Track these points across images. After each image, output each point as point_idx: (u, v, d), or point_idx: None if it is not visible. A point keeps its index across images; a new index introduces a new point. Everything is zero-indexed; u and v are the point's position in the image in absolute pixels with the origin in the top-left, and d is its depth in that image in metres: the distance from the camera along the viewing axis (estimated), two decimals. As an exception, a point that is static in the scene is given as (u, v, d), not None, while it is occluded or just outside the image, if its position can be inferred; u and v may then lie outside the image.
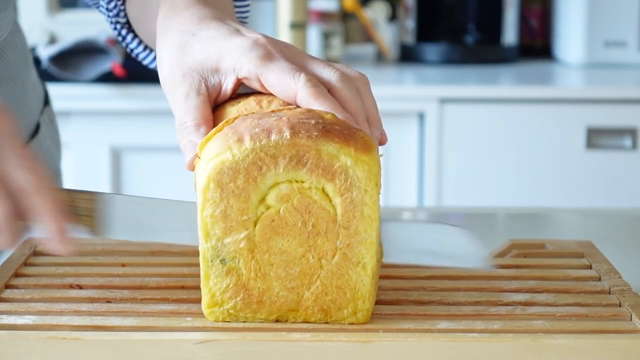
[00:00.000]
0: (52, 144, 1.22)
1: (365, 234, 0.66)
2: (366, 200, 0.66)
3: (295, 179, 0.66)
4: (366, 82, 0.75)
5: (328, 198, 0.66)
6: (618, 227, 1.10)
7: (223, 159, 0.66)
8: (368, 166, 0.66)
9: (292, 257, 0.67)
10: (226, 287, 0.67)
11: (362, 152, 0.66)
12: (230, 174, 0.65)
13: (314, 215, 0.66)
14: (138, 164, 2.34)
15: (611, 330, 0.67)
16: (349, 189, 0.66)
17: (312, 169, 0.65)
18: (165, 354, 0.64)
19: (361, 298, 0.67)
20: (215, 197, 0.66)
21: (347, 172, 0.65)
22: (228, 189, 0.66)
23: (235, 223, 0.66)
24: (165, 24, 0.80)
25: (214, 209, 0.66)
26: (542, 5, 2.79)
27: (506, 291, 0.75)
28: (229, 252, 0.67)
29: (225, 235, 0.66)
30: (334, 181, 0.66)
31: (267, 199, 0.66)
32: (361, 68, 0.86)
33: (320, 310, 0.68)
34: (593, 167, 2.28)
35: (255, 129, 0.66)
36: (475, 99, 2.29)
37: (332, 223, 0.66)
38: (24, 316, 0.68)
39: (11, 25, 1.11)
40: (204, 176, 0.66)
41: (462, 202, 2.29)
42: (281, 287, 0.67)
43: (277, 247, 0.67)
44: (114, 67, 2.26)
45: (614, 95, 2.28)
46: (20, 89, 1.12)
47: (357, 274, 0.67)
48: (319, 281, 0.67)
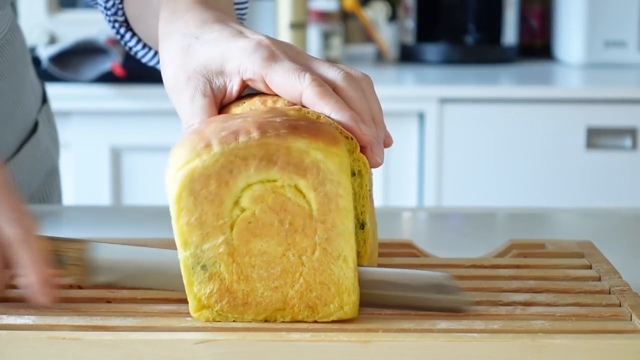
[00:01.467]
0: (50, 142, 1.23)
1: (343, 226, 0.66)
2: (340, 192, 0.66)
3: (267, 178, 0.65)
4: (370, 83, 0.75)
5: (302, 194, 0.66)
6: (618, 227, 1.10)
7: (193, 166, 0.65)
8: (339, 158, 0.66)
9: (272, 257, 0.67)
10: (210, 292, 0.67)
11: (332, 144, 0.66)
12: (202, 180, 0.65)
13: (289, 213, 0.66)
14: (138, 164, 2.34)
15: (611, 330, 0.67)
16: (322, 183, 0.65)
17: (284, 167, 0.65)
18: (165, 354, 0.64)
19: (346, 291, 0.67)
20: (189, 204, 0.65)
21: (319, 166, 0.65)
22: (201, 195, 0.65)
23: (212, 229, 0.66)
24: (167, 28, 0.80)
25: (189, 217, 0.66)
26: (542, 5, 2.79)
27: (506, 291, 0.75)
28: (208, 258, 0.66)
29: (203, 242, 0.66)
30: (306, 177, 0.65)
31: (241, 202, 0.66)
32: (361, 68, 0.86)
33: (306, 307, 0.68)
34: (593, 167, 2.28)
35: (222, 133, 0.66)
36: (475, 99, 2.29)
37: (309, 219, 0.66)
38: (23, 316, 0.68)
39: (9, 24, 1.11)
40: (175, 185, 0.65)
41: (462, 202, 2.29)
42: (265, 287, 0.67)
43: (257, 248, 0.66)
44: (114, 67, 2.26)
45: (614, 95, 2.28)
46: (18, 87, 1.12)
47: (339, 267, 0.67)
48: (302, 279, 0.67)
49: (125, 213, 1.25)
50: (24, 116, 1.14)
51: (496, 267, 0.80)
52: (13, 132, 1.11)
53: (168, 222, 0.67)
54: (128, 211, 1.28)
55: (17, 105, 1.12)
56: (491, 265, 0.81)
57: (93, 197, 2.34)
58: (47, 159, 1.21)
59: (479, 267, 0.80)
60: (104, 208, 1.56)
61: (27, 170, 1.14)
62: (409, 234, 1.12)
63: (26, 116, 1.15)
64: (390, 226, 1.06)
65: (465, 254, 0.85)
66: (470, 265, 0.81)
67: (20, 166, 1.12)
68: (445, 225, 1.15)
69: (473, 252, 0.87)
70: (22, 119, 1.13)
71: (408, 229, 1.15)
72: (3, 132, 1.08)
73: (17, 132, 1.12)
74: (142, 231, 1.02)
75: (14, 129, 1.11)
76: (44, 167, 1.19)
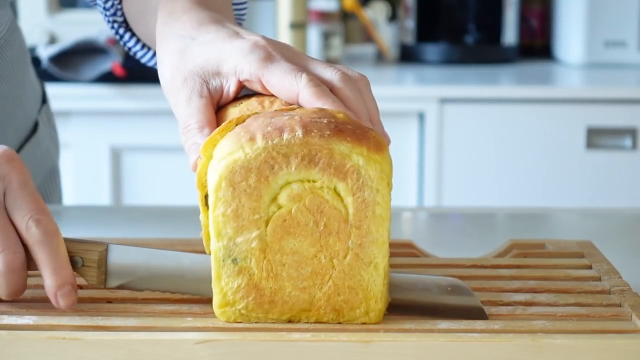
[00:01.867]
0: (50, 143, 1.23)
1: (377, 233, 0.66)
2: (378, 199, 0.66)
3: (307, 178, 0.66)
4: (367, 83, 0.75)
5: (340, 197, 0.66)
6: (618, 227, 1.10)
7: (235, 157, 0.65)
8: (380, 165, 0.66)
9: (304, 257, 0.67)
10: (238, 287, 0.67)
11: (375, 151, 0.66)
12: (243, 172, 0.65)
13: (325, 215, 0.66)
14: (138, 164, 2.34)
15: (611, 330, 0.67)
16: (361, 189, 0.65)
17: (324, 168, 0.65)
18: (166, 354, 0.64)
19: (373, 298, 0.67)
20: (227, 195, 0.66)
21: (359, 172, 0.65)
22: (240, 187, 0.66)
23: (247, 222, 0.66)
24: (165, 29, 0.80)
25: (225, 208, 0.66)
26: (542, 5, 2.79)
27: (507, 291, 0.75)
28: (240, 251, 0.67)
29: (237, 235, 0.66)
30: (345, 180, 0.65)
31: (279, 199, 0.66)
32: (361, 68, 0.86)
33: (332, 310, 0.67)
34: (593, 167, 2.28)
35: (267, 128, 0.66)
36: (475, 99, 2.29)
37: (344, 223, 0.66)
38: (24, 316, 0.68)
39: (9, 24, 1.11)
40: (216, 175, 0.66)
41: (462, 202, 2.29)
42: (293, 287, 0.67)
43: (289, 247, 0.67)
44: (114, 67, 2.26)
45: (614, 95, 2.28)
46: (18, 88, 1.12)
47: (369, 274, 0.67)
48: (331, 281, 0.67)
49: (125, 213, 1.25)
50: (24, 117, 1.14)
51: (497, 267, 0.80)
52: (13, 133, 1.11)
53: (168, 222, 0.67)
54: (128, 211, 1.28)
55: (17, 106, 1.12)
56: (491, 265, 0.81)
57: (93, 197, 2.34)
58: (47, 160, 1.21)
59: (480, 267, 0.80)
60: (104, 208, 1.56)
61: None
62: (409, 234, 1.11)
63: (26, 117, 1.15)
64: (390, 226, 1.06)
65: (465, 254, 0.85)
66: (470, 265, 0.81)
67: None
68: (445, 225, 1.15)
69: (473, 252, 0.87)
70: (22, 120, 1.13)
71: (408, 229, 1.15)
72: (3, 133, 1.08)
73: (17, 132, 1.12)
74: (142, 231, 1.02)
75: (14, 129, 1.11)
76: (44, 168, 1.19)
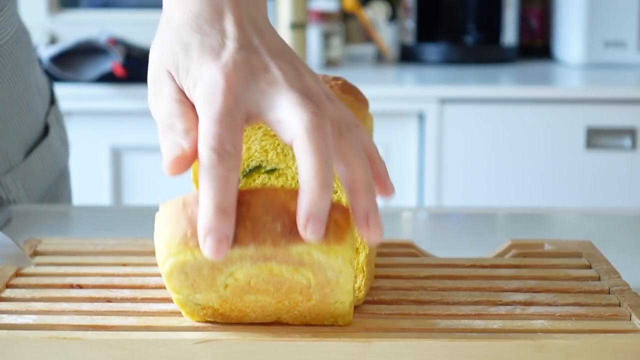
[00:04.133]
0: (61, 144, 1.22)
1: (344, 288, 0.64)
2: (340, 280, 0.63)
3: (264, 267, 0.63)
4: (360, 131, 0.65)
5: (300, 272, 0.63)
6: (618, 227, 1.10)
7: (184, 258, 0.62)
8: (342, 255, 0.62)
9: (267, 304, 0.65)
10: (203, 315, 0.67)
11: (336, 241, 0.61)
12: (194, 269, 0.63)
13: (285, 285, 0.64)
14: (138, 164, 2.34)
15: (611, 330, 0.67)
16: (323, 271, 0.63)
17: (281, 263, 0.62)
18: (166, 354, 0.64)
19: (340, 316, 0.67)
20: (181, 279, 0.63)
21: (321, 264, 0.62)
22: (192, 276, 0.63)
23: (204, 291, 0.64)
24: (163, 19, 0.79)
25: (179, 285, 0.64)
26: (542, 5, 2.79)
27: (506, 291, 0.75)
28: (201, 301, 0.65)
29: (195, 293, 0.65)
30: (304, 267, 0.62)
31: (235, 274, 0.63)
32: (361, 68, 0.86)
33: (300, 325, 0.67)
34: (593, 167, 2.28)
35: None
36: (475, 99, 2.29)
37: (307, 288, 0.64)
38: (24, 316, 0.68)
39: (17, 24, 1.11)
40: (165, 267, 0.63)
41: (462, 202, 2.29)
42: (258, 316, 0.66)
43: (250, 300, 0.65)
44: (114, 67, 2.26)
45: (614, 95, 2.28)
46: (24, 89, 1.12)
47: (336, 308, 0.66)
48: (297, 311, 0.66)
49: (125, 213, 1.25)
50: (32, 118, 1.14)
51: (496, 267, 0.80)
52: (21, 135, 1.10)
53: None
54: (128, 211, 1.28)
55: (24, 107, 1.11)
56: (491, 265, 0.81)
57: (93, 197, 2.34)
58: (58, 162, 1.20)
59: (479, 267, 0.80)
60: (106, 208, 1.56)
61: (37, 174, 1.13)
62: (409, 234, 1.11)
63: (34, 118, 1.14)
64: (390, 226, 1.06)
65: (465, 254, 0.85)
66: (470, 265, 0.81)
67: (31, 171, 1.11)
68: (445, 225, 1.15)
69: (473, 252, 0.87)
70: (30, 121, 1.13)
71: (408, 229, 1.14)
72: (11, 135, 1.07)
73: (25, 135, 1.11)
74: (142, 231, 1.02)
75: (21, 131, 1.10)
76: (54, 171, 1.19)
